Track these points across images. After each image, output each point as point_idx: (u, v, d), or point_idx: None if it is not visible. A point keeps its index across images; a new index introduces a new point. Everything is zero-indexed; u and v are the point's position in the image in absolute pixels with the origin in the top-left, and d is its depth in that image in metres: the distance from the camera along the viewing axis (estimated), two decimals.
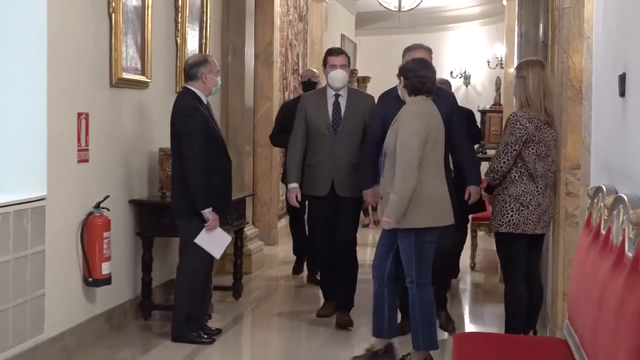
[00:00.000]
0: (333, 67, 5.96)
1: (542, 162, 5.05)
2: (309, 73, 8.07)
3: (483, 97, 16.62)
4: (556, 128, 5.12)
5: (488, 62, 16.85)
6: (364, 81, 13.26)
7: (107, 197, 5.40)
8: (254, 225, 8.71)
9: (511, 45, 10.49)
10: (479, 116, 13.42)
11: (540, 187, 5.06)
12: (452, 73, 17.07)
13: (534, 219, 5.04)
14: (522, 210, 5.03)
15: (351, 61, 6.63)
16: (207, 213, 5.37)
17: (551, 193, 5.15)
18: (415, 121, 4.80)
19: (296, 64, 10.87)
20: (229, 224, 6.26)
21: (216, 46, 7.79)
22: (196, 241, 5.41)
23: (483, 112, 14.86)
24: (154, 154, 6.25)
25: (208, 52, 7.23)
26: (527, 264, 5.19)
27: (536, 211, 5.04)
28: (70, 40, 5.12)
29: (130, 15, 5.91)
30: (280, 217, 9.75)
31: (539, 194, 5.05)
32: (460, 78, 17.42)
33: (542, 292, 5.42)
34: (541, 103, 5.04)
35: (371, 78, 13.44)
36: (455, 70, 17.29)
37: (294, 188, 6.05)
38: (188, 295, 5.54)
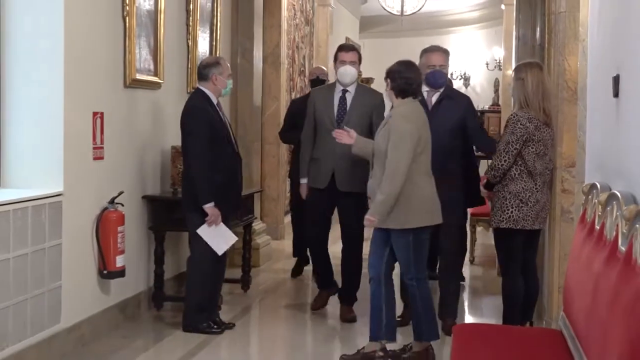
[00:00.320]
0: (342, 62, 5.84)
1: (541, 161, 5.04)
2: (317, 71, 7.88)
3: (482, 98, 16.59)
4: (553, 128, 5.11)
5: (487, 64, 16.82)
6: (367, 82, 13.25)
7: (122, 193, 5.41)
8: (261, 220, 8.71)
9: (509, 48, 10.44)
10: None
11: (538, 185, 5.05)
12: (452, 75, 17.00)
13: (532, 215, 5.04)
14: (521, 207, 5.02)
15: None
16: (207, 208, 5.37)
17: (548, 190, 5.15)
18: (406, 124, 4.72)
19: (302, 65, 10.86)
20: (237, 219, 6.26)
21: (226, 48, 7.78)
22: (198, 231, 5.42)
23: (482, 113, 14.82)
24: (166, 151, 6.25)
25: (218, 54, 7.21)
26: (524, 258, 5.19)
27: (535, 207, 5.04)
28: (86, 42, 5.13)
29: (144, 19, 5.91)
30: (287, 212, 9.73)
31: (537, 191, 5.04)
32: (460, 79, 17.40)
33: (538, 285, 5.41)
34: (540, 104, 5.02)
35: (374, 79, 13.46)
36: (456, 72, 17.26)
37: (304, 184, 6.03)
38: (199, 287, 5.53)
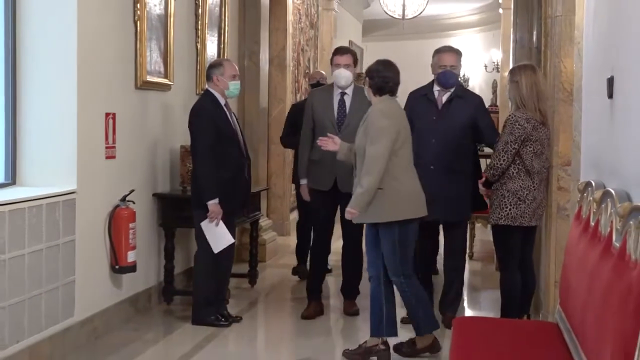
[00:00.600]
0: (337, 66, 5.81)
1: (538, 160, 5.04)
2: (317, 75, 7.88)
3: None
4: (549, 127, 5.10)
5: (485, 67, 16.77)
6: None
7: (133, 191, 5.42)
8: (268, 217, 8.72)
9: (507, 51, 10.42)
10: None
11: (536, 183, 5.05)
12: (464, 75, 16.97)
13: (529, 212, 5.03)
14: (519, 205, 5.02)
15: (358, 65, 6.47)
16: (209, 205, 5.37)
17: (545, 188, 5.14)
18: (384, 120, 4.70)
19: (307, 68, 10.85)
20: (244, 215, 6.26)
21: (233, 51, 7.79)
22: (201, 224, 5.44)
23: None
24: (175, 150, 6.26)
25: (226, 57, 7.21)
26: (522, 253, 5.19)
27: (532, 205, 5.03)
28: (99, 45, 5.14)
29: (154, 23, 5.92)
30: (292, 209, 9.74)
31: (534, 189, 5.04)
32: (460, 80, 17.34)
33: (535, 280, 5.40)
34: (535, 104, 5.02)
35: None
36: None
37: (304, 184, 6.01)
38: (206, 281, 5.54)
